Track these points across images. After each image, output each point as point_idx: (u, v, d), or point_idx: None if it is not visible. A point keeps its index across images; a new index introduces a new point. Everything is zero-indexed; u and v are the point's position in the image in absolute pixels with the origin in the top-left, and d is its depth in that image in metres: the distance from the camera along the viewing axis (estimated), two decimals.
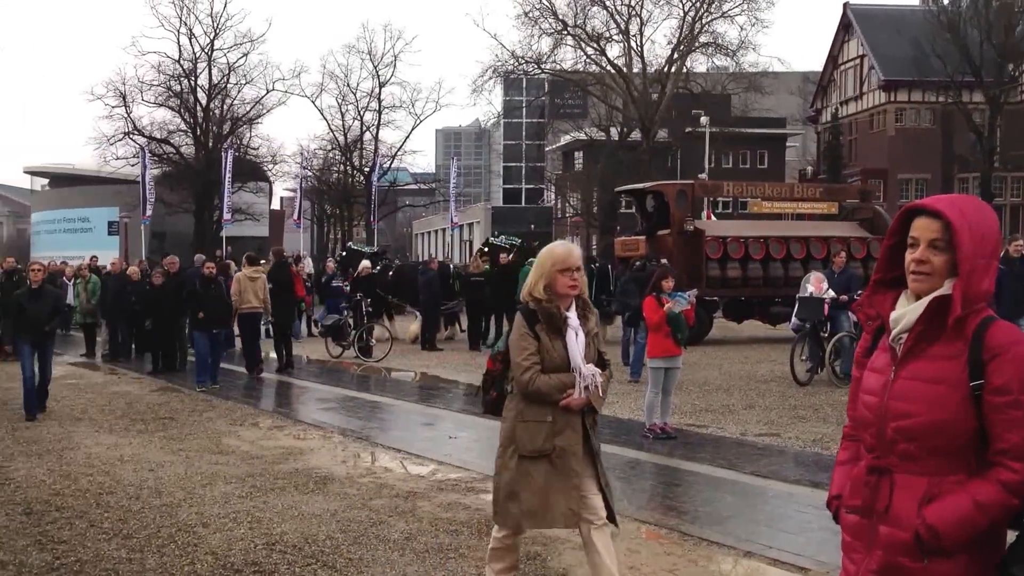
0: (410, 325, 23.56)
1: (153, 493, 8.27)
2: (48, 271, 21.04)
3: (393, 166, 59.77)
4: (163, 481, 8.72)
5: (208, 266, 15.82)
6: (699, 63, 51.01)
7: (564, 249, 4.89)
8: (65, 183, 68.43)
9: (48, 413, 12.54)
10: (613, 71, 49.26)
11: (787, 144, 69.76)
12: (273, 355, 18.02)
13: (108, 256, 31.31)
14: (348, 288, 21.37)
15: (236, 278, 16.96)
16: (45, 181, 76.67)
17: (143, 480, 8.76)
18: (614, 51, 49.72)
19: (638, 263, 17.18)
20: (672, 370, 10.71)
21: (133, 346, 20.20)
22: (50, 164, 71.84)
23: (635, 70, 49.41)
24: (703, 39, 48.86)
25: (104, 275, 21.86)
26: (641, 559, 6.47)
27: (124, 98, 50.56)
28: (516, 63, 49.31)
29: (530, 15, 47.81)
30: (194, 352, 15.55)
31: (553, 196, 75.57)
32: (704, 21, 48.44)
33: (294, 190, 54.83)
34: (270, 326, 18.72)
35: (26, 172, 78.97)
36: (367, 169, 52.56)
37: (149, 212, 39.04)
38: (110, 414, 12.60)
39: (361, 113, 58.40)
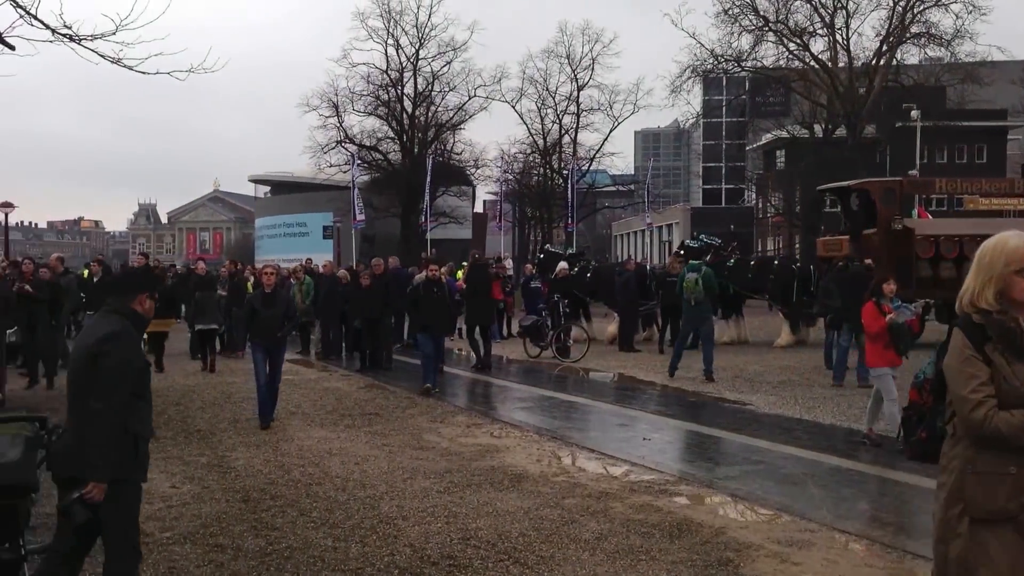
0: (608, 326, 23.61)
1: (358, 485, 8.67)
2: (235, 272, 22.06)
3: (592, 168, 60.01)
4: (367, 474, 9.13)
5: (432, 269, 15.78)
6: (910, 55, 48.71)
7: (1021, 241, 3.66)
8: (285, 190, 72.43)
9: None
10: (817, 66, 47.69)
11: (1008, 137, 65.59)
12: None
13: (324, 259, 32.83)
14: (546, 289, 21.67)
15: (415, 279, 17.63)
16: (267, 189, 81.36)
17: (349, 473, 9.20)
18: (818, 46, 48.16)
19: (841, 263, 16.62)
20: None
21: (343, 344, 21.18)
22: (271, 172, 76.09)
23: (840, 64, 47.64)
24: (915, 29, 46.58)
25: (317, 277, 23.00)
26: (840, 570, 6.30)
27: (336, 108, 53.19)
28: (715, 62, 48.52)
29: (730, 12, 46.95)
30: (420, 354, 15.66)
31: (754, 196, 73.96)
32: (916, 11, 46.15)
33: (496, 193, 56.00)
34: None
35: (250, 180, 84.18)
36: (566, 172, 53.00)
37: (360, 216, 40.70)
38: (321, 409, 13.25)
39: (560, 116, 58.96)
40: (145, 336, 19.91)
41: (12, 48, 12.59)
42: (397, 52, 54.45)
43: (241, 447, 10.56)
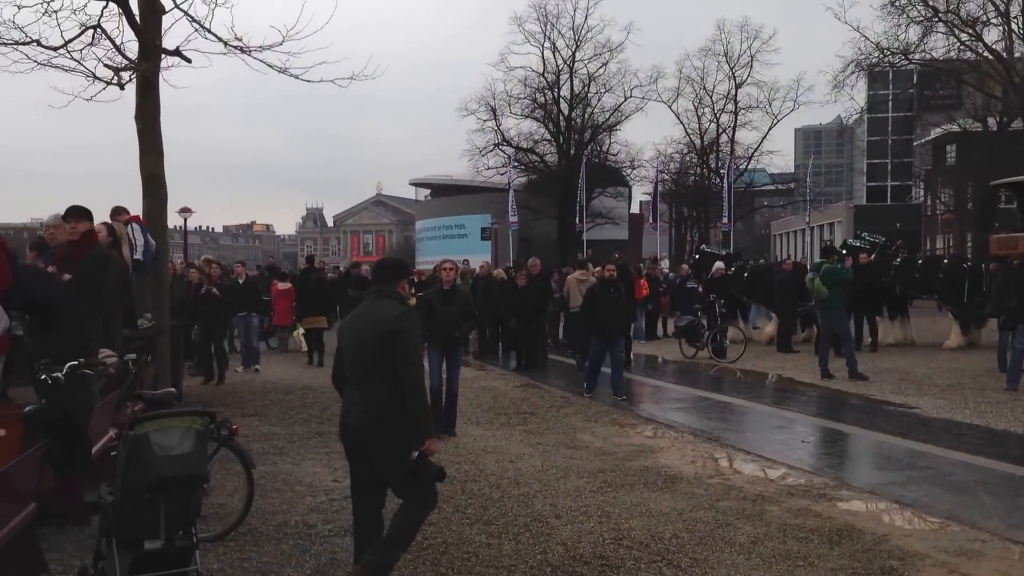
0: (765, 327, 23.12)
1: (512, 483, 8.76)
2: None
3: (750, 167, 58.86)
4: (521, 472, 9.21)
5: (609, 269, 15.37)
6: None
7: None
8: (444, 193, 73.80)
9: None
10: (991, 57, 45.30)
11: None
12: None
13: (482, 260, 33.29)
14: (702, 290, 21.40)
15: (567, 280, 18.51)
16: (427, 192, 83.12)
17: (504, 470, 9.30)
18: (992, 35, 45.60)
19: (1016, 262, 15.77)
20: None
21: (500, 344, 21.46)
22: (431, 176, 77.72)
23: (1016, 54, 45.11)
24: None
25: (474, 278, 23.35)
26: None
27: (494, 112, 53.97)
28: (881, 55, 46.66)
29: (896, 4, 45.00)
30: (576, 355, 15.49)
31: (922, 193, 70.82)
32: None
33: (652, 193, 55.59)
34: None
35: (411, 184, 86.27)
36: (723, 171, 52.16)
37: (516, 218, 41.11)
38: (478, 407, 13.43)
39: (717, 115, 58.15)
40: (302, 331, 21.09)
41: (188, 61, 13.28)
42: (554, 55, 54.87)
43: None
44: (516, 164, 53.97)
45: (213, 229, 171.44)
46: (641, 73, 60.26)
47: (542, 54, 54.70)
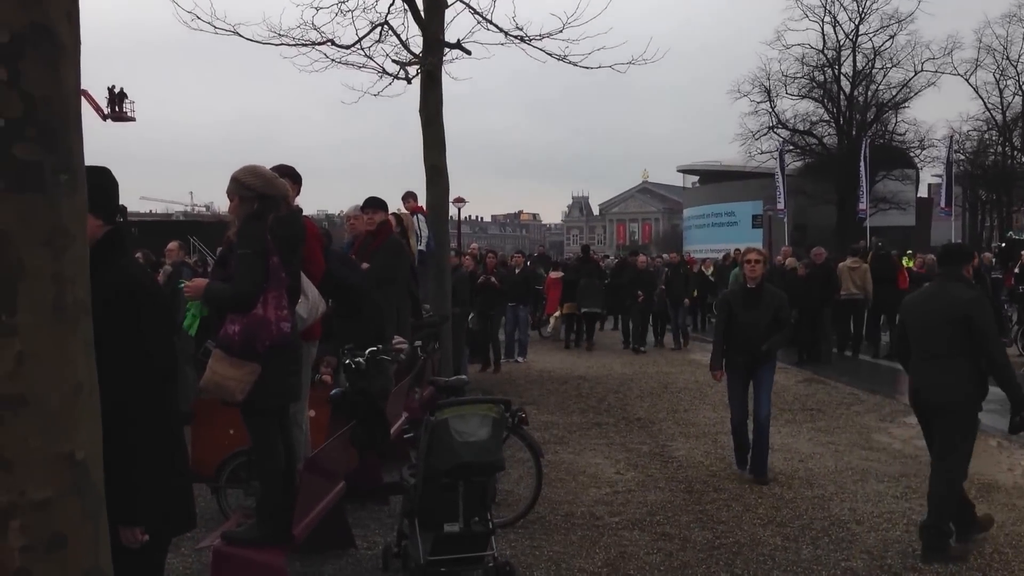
0: None
1: (804, 484, 8.36)
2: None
3: None
4: (813, 473, 8.78)
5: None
6: None
7: None
8: (713, 179, 72.52)
9: (702, 397, 13.30)
10: None
11: None
12: None
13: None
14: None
15: (838, 267, 17.95)
16: (695, 178, 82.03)
17: (794, 470, 8.90)
18: None
19: None
20: None
21: None
22: (700, 162, 76.57)
23: None
24: None
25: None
26: None
27: (768, 93, 52.13)
28: None
29: None
30: None
31: None
32: None
33: (943, 176, 52.06)
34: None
35: (679, 171, 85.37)
36: None
37: (784, 204, 39.72)
38: None
39: (1022, 87, 53.43)
40: (557, 314, 21.52)
41: (468, 53, 13.64)
42: (835, 29, 52.21)
43: (680, 437, 10.61)
44: (791, 147, 51.99)
45: (482, 219, 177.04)
46: (933, 45, 56.46)
47: (822, 29, 52.22)
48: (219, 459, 6.67)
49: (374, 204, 9.14)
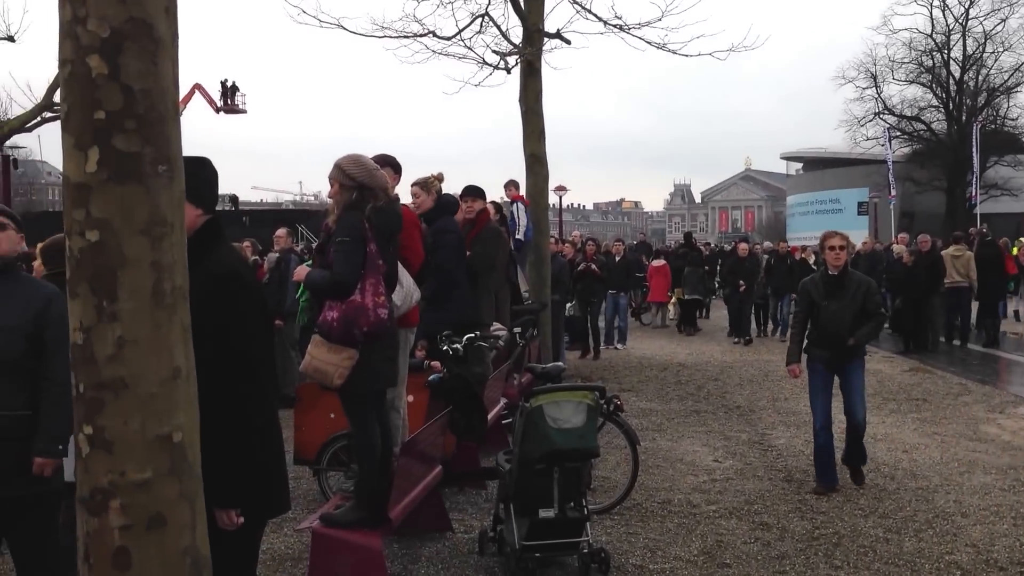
0: None
1: (908, 475, 8.16)
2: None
3: None
4: (917, 464, 8.57)
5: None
6: None
7: None
8: (817, 166, 71.03)
9: (804, 385, 13.00)
10: None
11: None
12: None
13: (861, 236, 31.63)
14: None
15: (941, 255, 17.59)
16: (799, 165, 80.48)
17: (897, 461, 8.70)
18: None
19: None
20: None
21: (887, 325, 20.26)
22: (804, 149, 75.09)
23: None
24: None
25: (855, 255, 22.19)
26: None
27: (874, 78, 50.78)
28: None
29: None
30: None
31: None
32: None
33: None
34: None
35: (782, 158, 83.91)
36: None
37: (895, 191, 38.67)
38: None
39: None
40: (673, 300, 21.63)
41: (568, 43, 13.63)
42: (943, 13, 50.49)
43: (781, 426, 10.46)
44: (898, 133, 50.58)
45: (584, 207, 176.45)
46: None
47: (930, 13, 50.54)
48: (321, 442, 6.85)
49: (472, 192, 9.20)
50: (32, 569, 3.98)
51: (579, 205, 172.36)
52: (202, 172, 3.53)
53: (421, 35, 13.25)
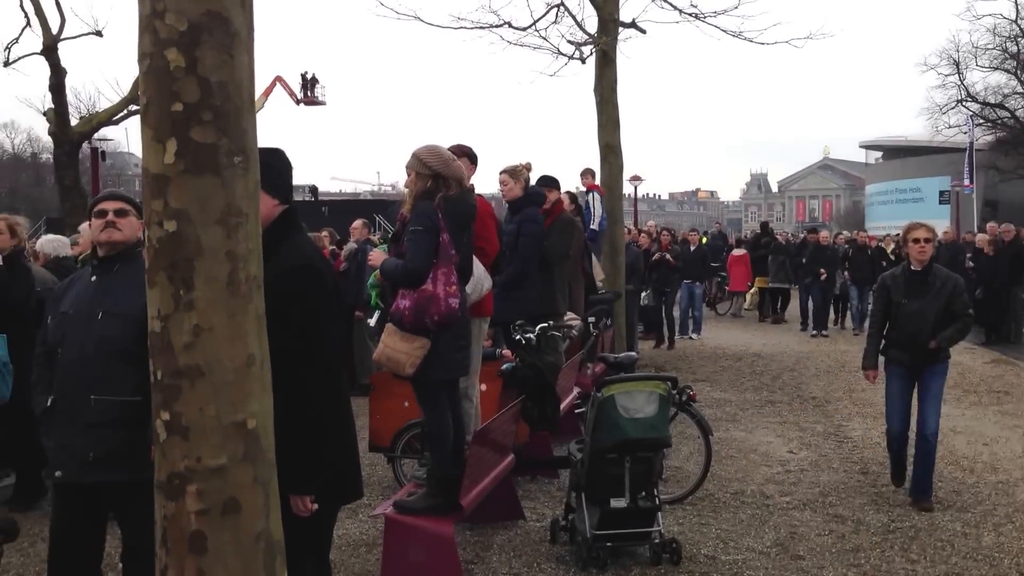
0: None
1: (988, 468, 7.99)
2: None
3: None
4: (998, 457, 8.38)
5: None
6: None
7: None
8: (897, 155, 69.61)
9: (880, 377, 12.78)
10: None
11: None
12: None
13: (943, 226, 30.92)
14: None
15: None
16: (879, 154, 78.96)
17: (977, 454, 8.52)
18: None
19: None
20: None
21: None
22: (883, 137, 73.69)
23: None
24: None
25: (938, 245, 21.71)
26: None
27: (957, 65, 49.48)
28: None
29: None
30: None
31: None
32: None
33: None
34: None
35: (861, 147, 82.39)
36: None
37: (972, 181, 37.71)
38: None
39: None
40: (753, 289, 21.44)
41: (644, 32, 13.55)
42: None
43: (857, 417, 10.30)
44: (981, 121, 49.27)
45: (659, 196, 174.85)
46: None
47: (1016, 0, 49.24)
48: (395, 430, 6.93)
49: (547, 182, 9.19)
50: (141, 552, 4.07)
51: (655, 195, 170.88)
52: (276, 163, 3.60)
53: (497, 26, 13.33)
